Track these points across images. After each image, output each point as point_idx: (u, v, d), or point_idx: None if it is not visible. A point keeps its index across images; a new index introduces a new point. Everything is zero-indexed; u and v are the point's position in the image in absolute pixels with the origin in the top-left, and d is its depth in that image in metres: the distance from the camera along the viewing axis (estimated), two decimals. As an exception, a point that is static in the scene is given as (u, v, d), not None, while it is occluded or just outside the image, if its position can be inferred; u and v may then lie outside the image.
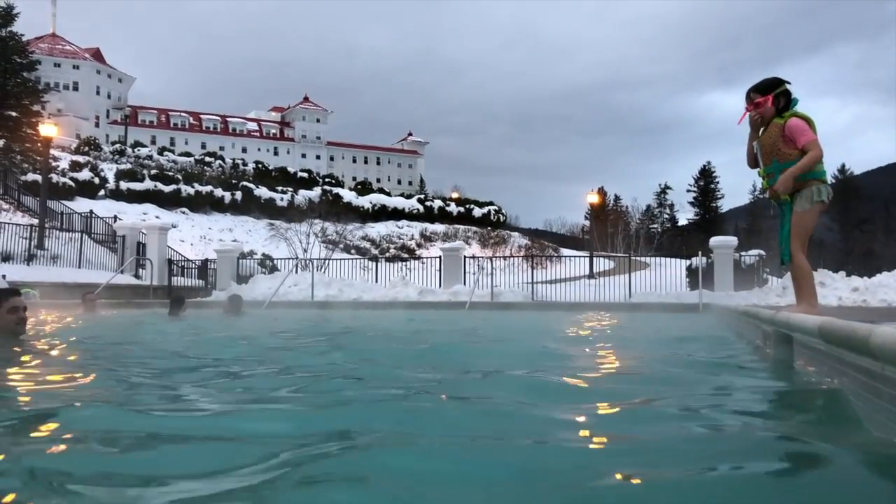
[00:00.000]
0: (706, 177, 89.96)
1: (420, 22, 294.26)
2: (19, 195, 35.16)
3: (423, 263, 25.94)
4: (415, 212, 61.03)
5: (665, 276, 22.45)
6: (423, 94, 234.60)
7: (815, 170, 4.88)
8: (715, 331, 8.39)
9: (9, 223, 22.52)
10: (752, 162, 5.32)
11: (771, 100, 5.03)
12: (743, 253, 22.18)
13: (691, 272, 22.38)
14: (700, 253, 20.06)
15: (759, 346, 5.05)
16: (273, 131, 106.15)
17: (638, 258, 34.65)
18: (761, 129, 5.11)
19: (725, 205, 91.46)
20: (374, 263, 27.60)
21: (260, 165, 69.63)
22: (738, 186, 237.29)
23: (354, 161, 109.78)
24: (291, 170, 70.22)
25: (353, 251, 42.28)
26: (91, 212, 30.95)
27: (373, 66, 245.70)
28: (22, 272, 18.36)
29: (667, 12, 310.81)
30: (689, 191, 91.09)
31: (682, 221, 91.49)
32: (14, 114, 39.50)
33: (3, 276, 14.60)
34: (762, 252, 22.83)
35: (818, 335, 2.55)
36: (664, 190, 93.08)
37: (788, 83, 5.12)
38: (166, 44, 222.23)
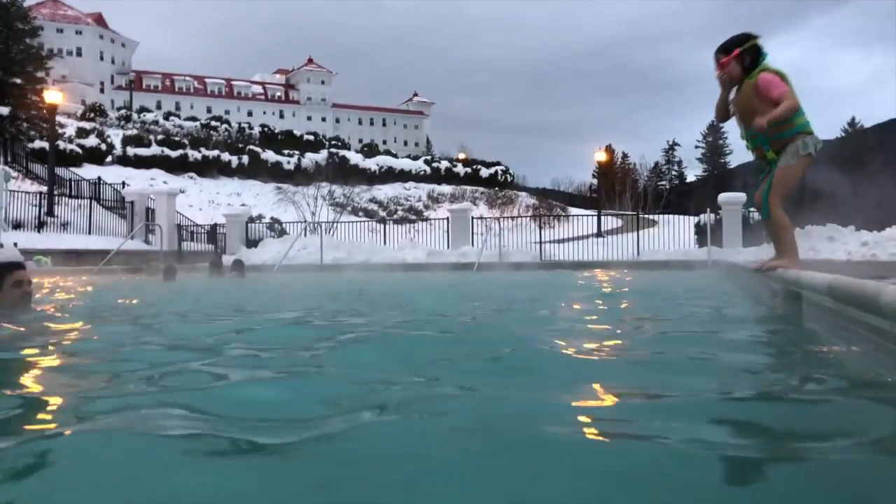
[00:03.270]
0: (714, 133, 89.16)
1: None
2: (27, 163, 35.20)
3: (430, 225, 25.95)
4: (422, 173, 60.86)
5: (673, 234, 22.43)
6: (441, 54, 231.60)
7: (798, 122, 4.73)
8: (722, 287, 8.41)
9: (18, 191, 22.60)
10: (722, 115, 5.17)
11: (736, 57, 4.85)
12: (752, 209, 22.08)
13: (700, 229, 22.32)
14: (708, 210, 19.99)
15: (768, 303, 5.06)
16: (278, 94, 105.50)
17: (646, 216, 34.58)
18: (734, 91, 4.95)
19: (734, 161, 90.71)
20: (382, 226, 27.63)
21: (266, 129, 69.39)
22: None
23: (360, 123, 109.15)
24: (297, 133, 69.96)
25: (360, 214, 42.35)
26: (99, 178, 31.02)
27: (393, 25, 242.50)
28: (33, 239, 18.49)
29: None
30: (697, 147, 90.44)
31: (691, 178, 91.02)
32: (19, 81, 39.35)
33: (15, 244, 14.69)
34: (771, 208, 22.70)
35: (827, 293, 2.56)
36: (672, 147, 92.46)
37: (756, 37, 4.92)
38: (172, 6, 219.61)
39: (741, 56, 4.86)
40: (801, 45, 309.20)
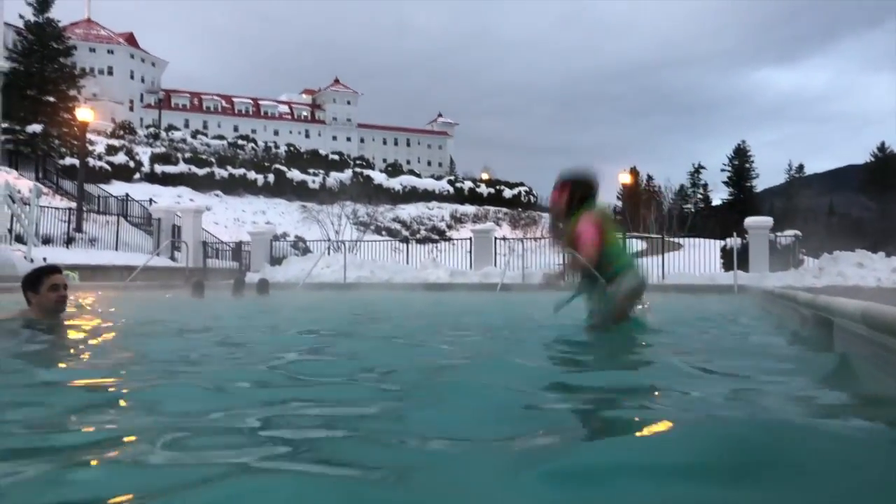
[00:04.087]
0: (741, 156, 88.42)
1: (474, 1, 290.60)
2: (58, 179, 35.82)
3: (453, 245, 25.96)
4: (445, 193, 61.01)
5: (699, 258, 22.19)
6: (469, 76, 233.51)
7: (617, 264, 4.77)
8: (750, 313, 8.29)
9: (48, 207, 22.94)
10: (556, 237, 5.28)
11: (567, 193, 4.92)
12: (778, 233, 21.85)
13: (726, 253, 22.10)
14: (735, 233, 19.80)
15: (797, 329, 4.98)
16: (304, 114, 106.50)
17: (671, 239, 34.32)
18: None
19: (760, 184, 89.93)
20: (405, 245, 27.69)
21: (292, 148, 70.02)
22: (774, 166, 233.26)
23: (385, 143, 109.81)
24: (323, 152, 70.54)
25: (383, 233, 42.47)
26: (127, 195, 31.44)
27: (423, 47, 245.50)
28: (62, 255, 18.71)
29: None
30: (723, 170, 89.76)
31: (716, 202, 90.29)
32: (52, 99, 40.12)
33: (44, 259, 14.90)
34: (798, 233, 22.47)
35: (861, 321, 2.51)
36: (698, 170, 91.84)
37: (592, 183, 5.02)
38: (202, 26, 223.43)
39: (571, 195, 4.93)
40: (833, 69, 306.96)
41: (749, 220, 20.67)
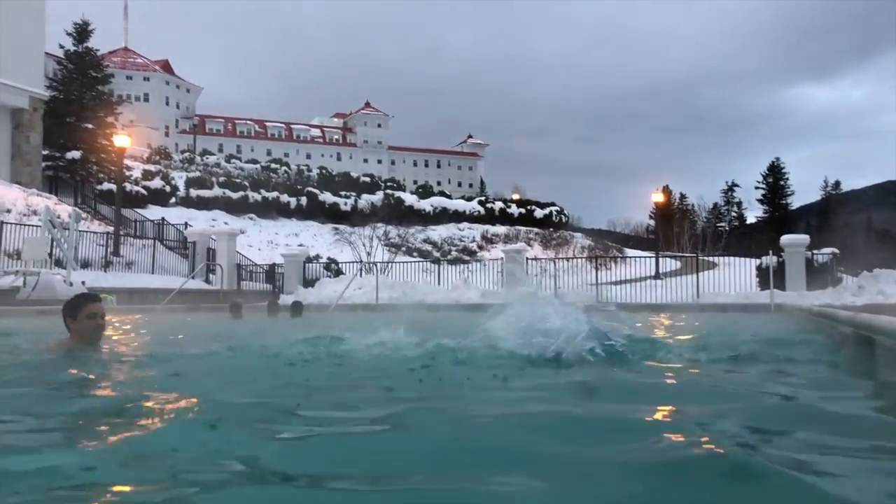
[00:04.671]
0: (775, 173, 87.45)
1: (507, 21, 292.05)
2: (96, 204, 36.60)
3: (484, 265, 25.92)
4: (475, 214, 61.03)
5: (734, 276, 21.91)
6: (500, 96, 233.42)
7: None
8: (788, 331, 8.14)
9: (87, 231, 23.39)
10: None
11: None
12: (815, 251, 21.50)
13: (761, 272, 21.79)
14: (770, 252, 19.52)
15: (837, 348, 4.88)
16: (336, 137, 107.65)
17: (705, 258, 33.94)
18: None
19: (795, 202, 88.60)
20: (436, 266, 27.72)
21: (324, 171, 70.71)
22: (809, 183, 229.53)
23: (415, 164, 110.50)
24: (354, 175, 71.11)
25: (415, 254, 42.57)
26: (163, 219, 31.96)
27: (455, 68, 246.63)
28: (99, 279, 19.05)
29: (759, 5, 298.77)
30: (757, 188, 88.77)
31: (751, 220, 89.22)
32: (90, 126, 41.04)
33: (83, 283, 15.17)
34: (836, 250, 22.08)
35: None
36: (731, 187, 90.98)
37: None
38: (236, 53, 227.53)
39: None
40: (870, 84, 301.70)
41: (785, 238, 20.39)
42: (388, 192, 61.30)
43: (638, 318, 13.05)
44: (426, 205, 59.13)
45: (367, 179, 69.43)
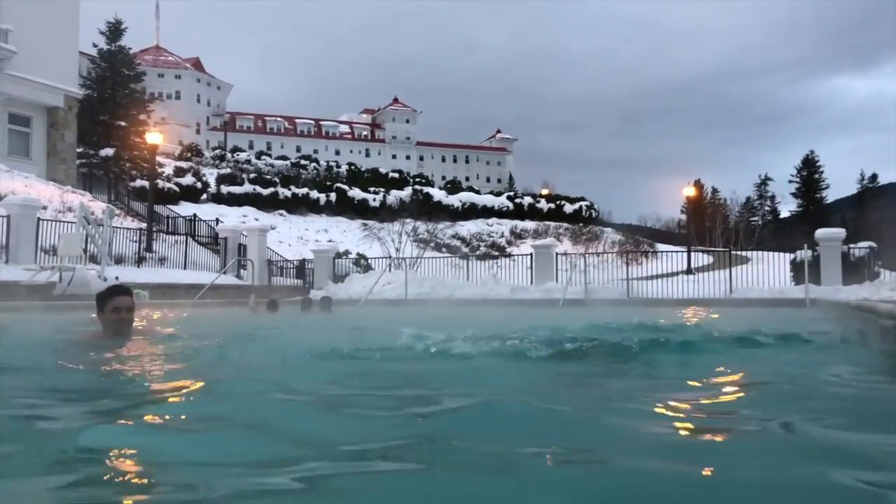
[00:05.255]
0: (809, 167, 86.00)
1: (540, 17, 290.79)
2: (128, 200, 37.09)
3: (513, 261, 25.80)
4: (504, 209, 60.84)
5: (767, 271, 21.53)
6: (530, 91, 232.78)
7: None
8: (826, 326, 7.97)
9: (120, 227, 23.69)
10: None
11: None
12: (851, 245, 21.07)
13: (796, 266, 21.40)
14: (805, 246, 19.17)
15: (877, 341, 4.75)
16: (364, 133, 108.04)
17: (738, 252, 33.47)
18: None
19: (830, 195, 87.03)
20: (465, 261, 27.64)
21: (352, 167, 70.96)
22: (845, 176, 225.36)
23: (443, 160, 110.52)
24: (383, 170, 71.27)
25: (443, 249, 42.55)
26: (195, 215, 32.27)
27: (485, 63, 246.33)
28: (133, 274, 19.28)
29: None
30: (791, 181, 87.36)
31: (784, 214, 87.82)
32: (123, 123, 41.63)
33: (116, 278, 15.35)
34: (873, 244, 21.61)
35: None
36: (765, 181, 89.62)
37: None
38: (266, 51, 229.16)
39: None
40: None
41: (820, 232, 19.98)
42: (417, 187, 61.33)
43: (671, 312, 12.92)
44: (455, 200, 59.06)
45: (396, 175, 69.54)
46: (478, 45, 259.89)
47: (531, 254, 23.33)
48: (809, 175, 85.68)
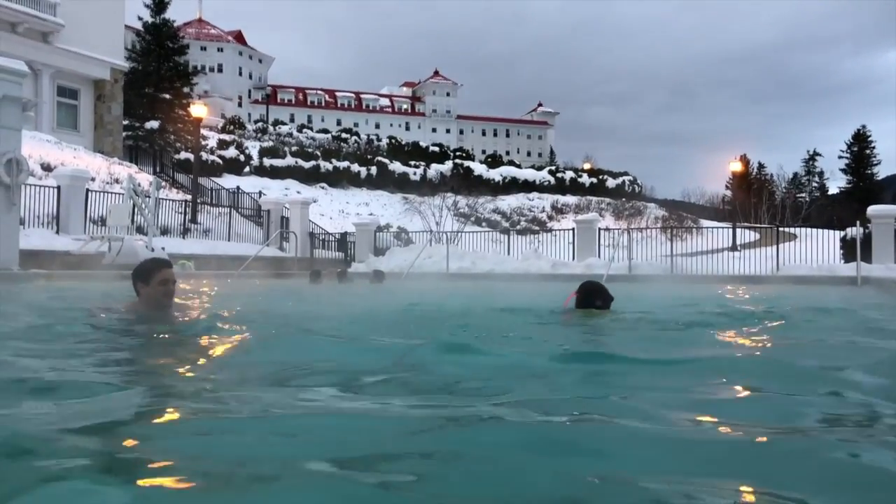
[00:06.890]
0: (861, 142, 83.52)
1: None
2: (173, 173, 37.63)
3: (554, 236, 25.59)
4: (545, 184, 60.33)
5: (815, 248, 21.03)
6: (580, 62, 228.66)
7: None
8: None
9: (165, 199, 24.03)
10: None
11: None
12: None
13: (846, 243, 20.86)
14: (858, 223, 18.65)
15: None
16: (405, 107, 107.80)
17: (785, 229, 32.77)
18: None
19: (882, 172, 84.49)
20: (506, 236, 27.52)
21: (393, 141, 70.87)
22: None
23: (484, 134, 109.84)
24: (423, 144, 71.05)
25: (484, 224, 42.42)
26: (238, 188, 32.62)
27: (536, 34, 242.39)
28: (178, 245, 19.57)
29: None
30: (840, 157, 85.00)
31: (833, 190, 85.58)
32: (167, 96, 42.10)
33: (163, 249, 15.60)
34: (928, 222, 20.93)
35: None
36: (813, 157, 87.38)
37: None
38: (307, 24, 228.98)
39: None
40: None
41: (873, 209, 19.40)
42: (457, 161, 61.12)
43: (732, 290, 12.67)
44: (495, 174, 58.75)
45: (436, 149, 69.29)
46: (529, 15, 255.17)
47: (573, 229, 23.12)
48: (860, 150, 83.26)
